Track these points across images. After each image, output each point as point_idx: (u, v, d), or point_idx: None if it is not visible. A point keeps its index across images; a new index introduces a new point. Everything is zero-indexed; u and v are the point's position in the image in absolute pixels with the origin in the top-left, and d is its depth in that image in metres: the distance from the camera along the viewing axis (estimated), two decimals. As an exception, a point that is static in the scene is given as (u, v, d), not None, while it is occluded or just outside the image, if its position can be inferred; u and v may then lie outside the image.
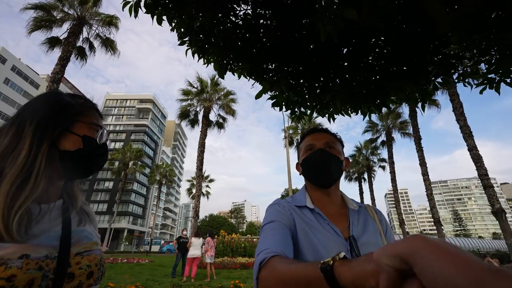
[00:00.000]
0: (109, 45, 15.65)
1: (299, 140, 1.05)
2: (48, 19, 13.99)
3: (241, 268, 11.38)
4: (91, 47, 15.62)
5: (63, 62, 13.25)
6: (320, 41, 2.34)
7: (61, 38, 14.38)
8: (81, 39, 14.87)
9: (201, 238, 8.79)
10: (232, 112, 20.92)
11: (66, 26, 14.37)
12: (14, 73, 43.61)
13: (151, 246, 35.73)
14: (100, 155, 0.70)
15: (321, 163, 0.90)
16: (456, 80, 2.39)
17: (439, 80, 2.46)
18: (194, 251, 8.28)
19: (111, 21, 15.08)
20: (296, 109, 2.76)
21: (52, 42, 14.40)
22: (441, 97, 17.68)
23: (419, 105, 2.59)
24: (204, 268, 9.17)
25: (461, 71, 2.40)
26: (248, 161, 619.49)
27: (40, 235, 0.56)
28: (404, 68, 2.37)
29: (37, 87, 46.40)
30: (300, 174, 1.00)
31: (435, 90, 2.45)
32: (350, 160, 31.89)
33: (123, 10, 1.98)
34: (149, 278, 8.35)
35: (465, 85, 2.47)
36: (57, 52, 14.15)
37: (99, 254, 0.67)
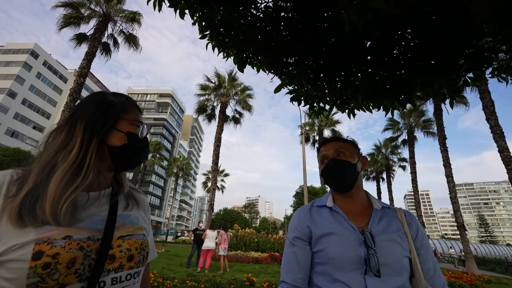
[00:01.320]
0: (132, 40, 16.15)
1: (317, 139, 1.13)
2: (76, 16, 14.67)
3: (253, 262, 11.50)
4: (115, 43, 16.22)
5: (89, 57, 13.88)
6: (342, 34, 2.27)
7: (87, 34, 15.04)
8: (106, 35, 15.48)
9: (216, 231, 8.97)
10: (249, 108, 20.96)
11: (93, 23, 15.01)
12: (46, 68, 46.30)
13: (167, 236, 37.03)
14: (142, 148, 0.76)
15: (335, 172, 0.99)
16: (490, 75, 2.23)
17: (470, 75, 2.30)
18: (209, 243, 8.47)
19: (134, 18, 15.54)
20: (315, 104, 2.70)
21: (80, 38, 15.10)
22: (470, 95, 16.64)
23: (447, 101, 2.45)
24: (218, 260, 9.37)
25: (496, 66, 2.23)
26: (263, 157, 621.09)
27: (86, 219, 0.62)
28: (432, 62, 2.24)
29: (65, 81, 49.01)
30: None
31: (465, 86, 2.31)
32: (369, 159, 31.29)
33: (147, 4, 2.03)
34: (164, 267, 8.67)
35: (500, 81, 2.29)
36: (84, 48, 14.85)
37: (141, 238, 0.71)
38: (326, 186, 1.18)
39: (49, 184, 0.57)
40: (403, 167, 29.59)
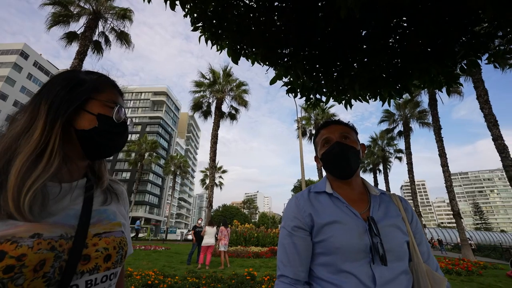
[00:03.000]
0: (123, 38, 15.87)
1: (313, 133, 1.09)
2: (65, 14, 14.34)
3: (254, 257, 11.56)
4: (107, 40, 15.92)
5: (81, 57, 13.62)
6: (337, 23, 2.23)
7: (78, 33, 14.74)
8: (97, 33, 15.17)
9: (215, 227, 8.99)
10: (245, 103, 20.86)
11: (83, 20, 14.69)
12: (36, 68, 45.50)
13: (167, 235, 37.09)
14: (118, 134, 0.67)
15: (340, 156, 0.93)
16: (486, 61, 2.22)
17: (466, 62, 2.29)
18: (208, 239, 8.49)
19: (125, 14, 15.25)
20: (311, 96, 2.68)
21: (70, 37, 14.79)
22: (464, 84, 16.73)
23: (444, 89, 2.44)
24: (218, 256, 9.40)
25: (492, 52, 2.22)
26: (260, 152, 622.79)
27: (58, 213, 0.55)
28: (428, 49, 2.22)
29: (57, 82, 48.20)
30: (320, 167, 1.03)
31: (462, 72, 2.30)
32: (366, 151, 31.69)
33: (136, -4, 1.97)
34: (165, 264, 8.67)
35: (496, 67, 2.29)
36: (74, 47, 14.57)
37: (119, 236, 0.64)
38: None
39: (10, 172, 0.50)
40: (399, 158, 29.88)
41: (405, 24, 2.27)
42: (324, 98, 2.69)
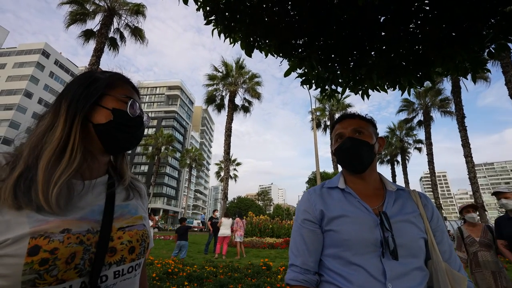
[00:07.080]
0: (138, 34, 16.16)
1: (328, 124, 1.08)
2: (82, 12, 14.76)
3: (269, 247, 11.74)
4: (122, 37, 16.28)
5: (98, 54, 14.05)
6: (353, 10, 2.14)
7: (94, 30, 15.16)
8: (112, 30, 15.54)
9: (231, 218, 9.18)
10: (258, 95, 20.77)
11: (98, 18, 15.09)
12: (57, 67, 47.43)
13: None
14: (134, 127, 0.69)
15: (351, 152, 0.93)
16: (518, 45, 2.06)
17: (494, 46, 2.13)
18: (224, 230, 8.70)
19: (138, 10, 15.46)
20: (326, 87, 2.61)
21: (87, 35, 15.25)
22: (492, 69, 15.62)
23: (469, 76, 2.30)
24: (234, 246, 9.62)
25: (525, 34, 2.05)
26: (274, 144, 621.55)
27: (83, 209, 0.59)
28: (453, 34, 2.09)
29: (77, 79, 50.14)
30: (336, 161, 1.04)
31: (490, 57, 2.15)
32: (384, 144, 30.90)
33: (150, -9, 1.99)
34: (184, 253, 8.99)
35: (529, 50, 2.11)
36: (92, 44, 15.03)
37: (141, 229, 0.67)
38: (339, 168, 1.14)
39: (38, 167, 0.54)
40: (419, 149, 28.80)
41: (427, 8, 2.14)
42: (340, 89, 2.62)
